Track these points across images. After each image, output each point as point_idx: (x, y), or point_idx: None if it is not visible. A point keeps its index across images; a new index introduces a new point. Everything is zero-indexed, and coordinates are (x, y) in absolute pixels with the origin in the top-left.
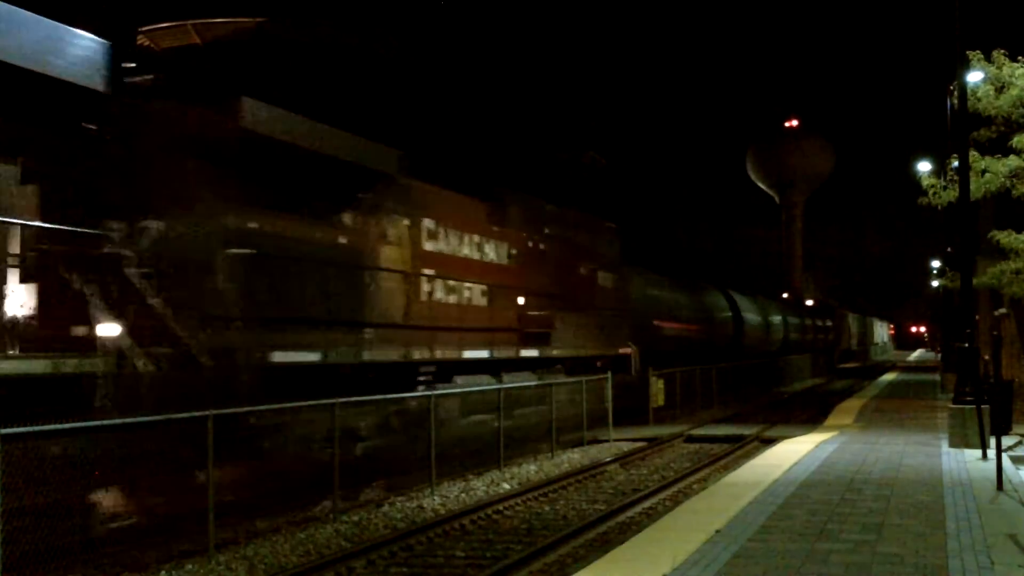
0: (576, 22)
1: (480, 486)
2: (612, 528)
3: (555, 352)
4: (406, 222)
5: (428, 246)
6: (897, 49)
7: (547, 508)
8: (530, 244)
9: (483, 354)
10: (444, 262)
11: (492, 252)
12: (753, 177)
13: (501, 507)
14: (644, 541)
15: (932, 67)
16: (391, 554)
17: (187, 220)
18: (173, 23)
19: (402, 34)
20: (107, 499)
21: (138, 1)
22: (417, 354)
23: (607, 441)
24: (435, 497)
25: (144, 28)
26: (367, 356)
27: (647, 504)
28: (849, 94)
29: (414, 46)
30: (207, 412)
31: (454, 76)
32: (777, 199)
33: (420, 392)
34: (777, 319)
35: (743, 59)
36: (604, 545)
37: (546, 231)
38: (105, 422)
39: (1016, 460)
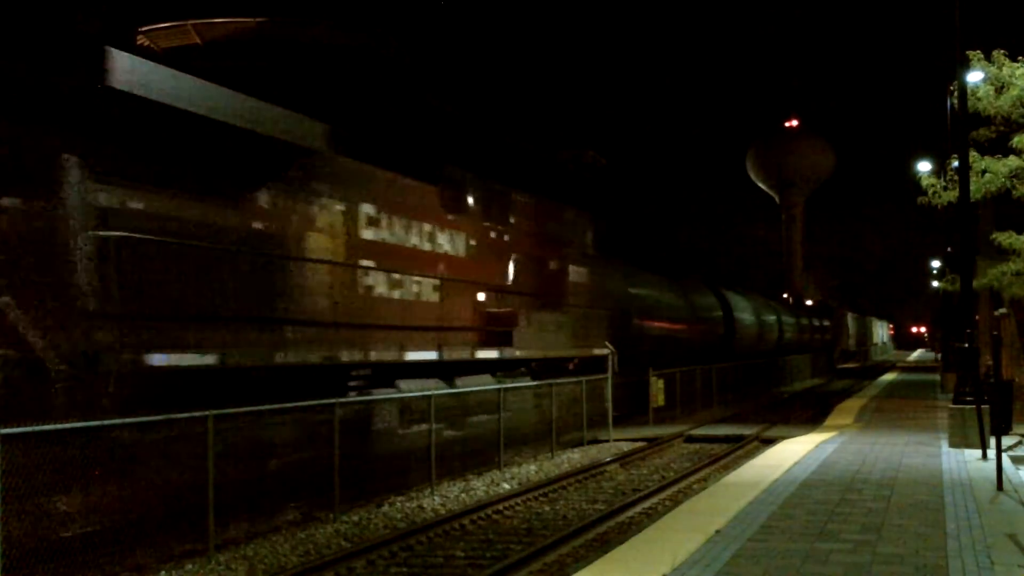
0: (578, 22)
1: (480, 486)
2: (612, 528)
3: (519, 353)
4: (339, 207)
5: (367, 234)
6: (897, 49)
7: (547, 508)
8: (492, 234)
9: (430, 355)
10: (387, 252)
11: (447, 242)
12: (753, 177)
13: (501, 507)
14: (644, 541)
15: (932, 67)
16: (391, 554)
17: (41, 196)
18: (173, 23)
19: (399, 28)
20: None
21: (138, 1)
22: (347, 356)
23: (607, 441)
24: (435, 497)
25: (144, 28)
26: (281, 358)
27: (647, 504)
28: (849, 94)
29: (413, 43)
30: (207, 412)
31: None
32: (777, 199)
33: (421, 392)
34: (771, 318)
35: (743, 59)
36: (604, 545)
37: (511, 220)
38: (105, 422)
39: (1016, 460)
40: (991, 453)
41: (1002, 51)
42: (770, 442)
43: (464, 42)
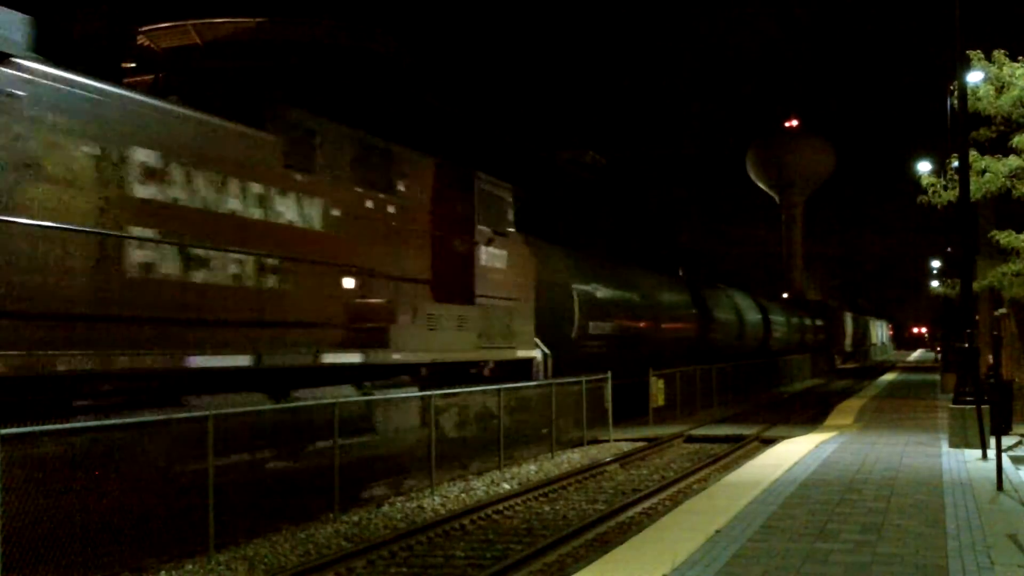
0: (578, 21)
1: (480, 486)
2: (612, 528)
3: (397, 356)
4: (88, 149)
5: (143, 191)
6: (897, 49)
7: (547, 508)
8: (367, 203)
9: (239, 360)
10: (181, 219)
11: (290, 210)
12: (753, 177)
13: (501, 507)
14: (644, 541)
15: (932, 67)
16: (391, 554)
17: None
18: (173, 23)
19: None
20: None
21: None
22: (65, 364)
23: (607, 441)
24: (435, 497)
25: (144, 28)
26: None
27: (647, 504)
28: (849, 94)
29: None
30: (207, 412)
31: None
32: (777, 199)
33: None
34: (756, 318)
35: (743, 59)
36: (604, 545)
37: (398, 186)
38: (104, 422)
39: (1016, 460)
40: (991, 453)
41: (1002, 51)
42: (770, 442)
43: (467, 43)
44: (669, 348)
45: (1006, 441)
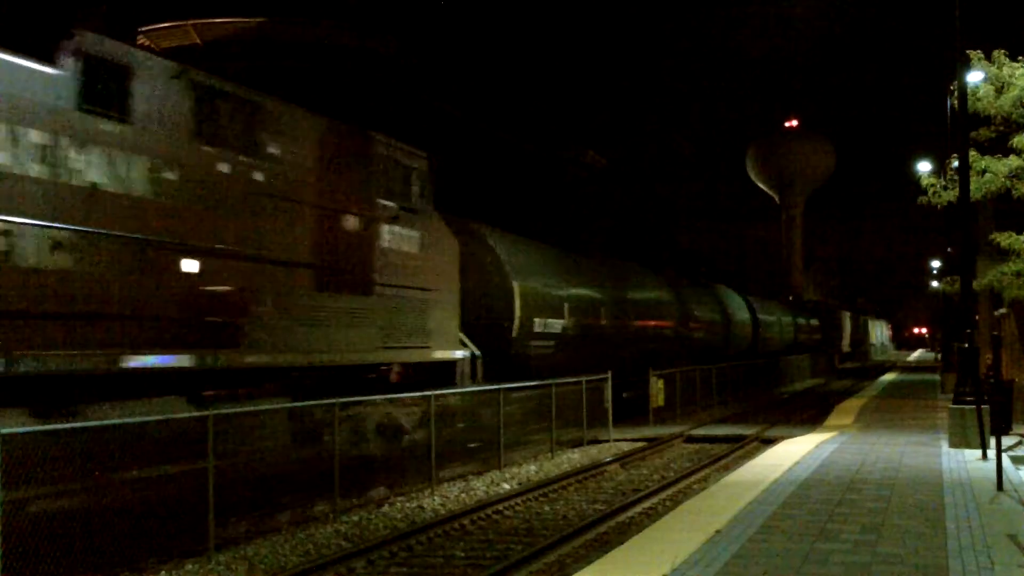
0: (578, 21)
1: (480, 486)
2: (612, 528)
3: (252, 358)
4: None
5: None
6: (897, 49)
7: (547, 508)
8: (220, 166)
9: None
10: None
11: (92, 169)
12: (753, 177)
13: (501, 507)
14: (644, 541)
15: (932, 67)
16: (391, 554)
17: None
18: (173, 23)
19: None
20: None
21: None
22: None
23: (607, 441)
24: (435, 497)
25: (144, 28)
26: None
27: (647, 504)
28: (849, 94)
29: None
30: (207, 412)
31: None
32: (777, 199)
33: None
34: (744, 317)
35: (743, 59)
36: (604, 545)
37: (270, 148)
38: (105, 422)
39: (1016, 460)
40: (991, 453)
41: (1002, 51)
42: (770, 442)
43: (467, 43)
44: (641, 348)
45: (1006, 441)
